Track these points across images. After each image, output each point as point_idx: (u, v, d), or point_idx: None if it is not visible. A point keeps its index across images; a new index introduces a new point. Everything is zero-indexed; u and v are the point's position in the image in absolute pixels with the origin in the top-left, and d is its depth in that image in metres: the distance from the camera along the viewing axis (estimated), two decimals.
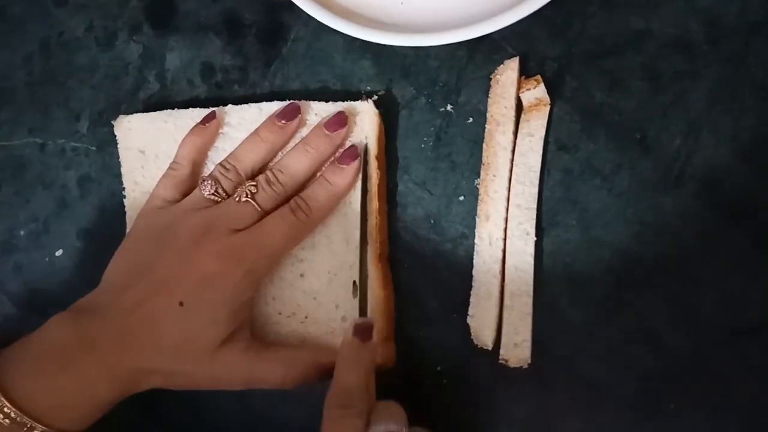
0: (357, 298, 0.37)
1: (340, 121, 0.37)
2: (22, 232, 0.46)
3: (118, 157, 0.43)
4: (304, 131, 0.39)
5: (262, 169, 0.38)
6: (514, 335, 0.35)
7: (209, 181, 0.37)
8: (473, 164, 0.38)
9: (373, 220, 0.37)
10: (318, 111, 0.39)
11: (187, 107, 0.41)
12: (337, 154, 0.38)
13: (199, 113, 0.41)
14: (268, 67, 0.42)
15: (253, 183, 0.36)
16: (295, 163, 0.37)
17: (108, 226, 0.44)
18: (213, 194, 0.36)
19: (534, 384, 0.36)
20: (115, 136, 0.43)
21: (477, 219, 0.37)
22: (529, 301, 0.35)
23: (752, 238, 0.33)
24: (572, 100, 0.36)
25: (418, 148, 0.39)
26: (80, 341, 0.33)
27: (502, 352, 0.35)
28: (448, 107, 0.39)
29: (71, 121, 0.46)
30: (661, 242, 0.34)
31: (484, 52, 0.38)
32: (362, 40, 0.38)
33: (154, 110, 0.42)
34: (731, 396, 0.34)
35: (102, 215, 0.45)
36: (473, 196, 0.37)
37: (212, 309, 0.34)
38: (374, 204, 0.37)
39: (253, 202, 0.35)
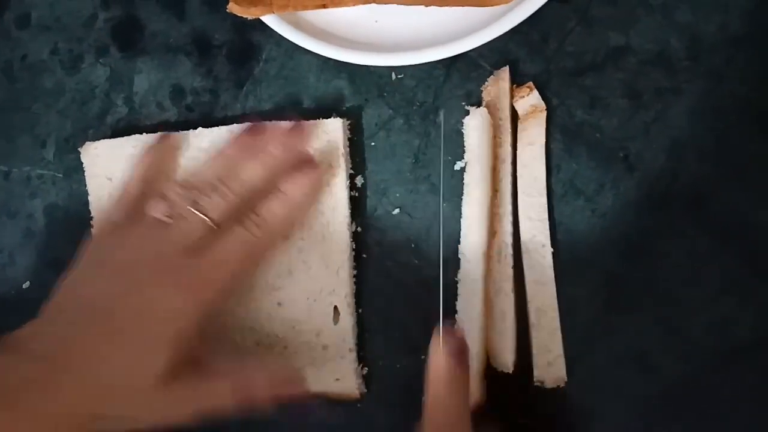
0: (338, 325, 0.36)
1: (295, 126, 0.36)
2: None
3: (86, 184, 0.41)
4: None
5: None
6: (545, 353, 0.33)
7: (158, 201, 0.34)
8: (454, 185, 0.37)
9: None
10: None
11: (156, 131, 0.40)
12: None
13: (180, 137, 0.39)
14: (239, 88, 0.41)
15: (203, 197, 0.34)
16: (244, 169, 0.35)
17: (77, 255, 0.42)
18: (166, 214, 0.34)
19: (522, 415, 0.34)
20: (82, 163, 0.41)
21: (481, 237, 0.34)
22: (556, 315, 0.33)
23: (742, 258, 0.32)
24: (552, 119, 0.35)
25: (396, 170, 0.38)
26: (2, 392, 0.29)
27: (536, 373, 0.33)
28: (426, 127, 0.37)
29: (36, 148, 0.44)
30: (649, 263, 0.34)
31: (462, 71, 0.37)
32: (336, 60, 0.37)
33: (123, 135, 0.41)
34: (724, 419, 0.33)
35: (71, 244, 0.42)
36: (455, 218, 0.36)
37: (153, 337, 0.31)
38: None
39: (200, 214, 0.33)
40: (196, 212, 0.33)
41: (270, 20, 0.37)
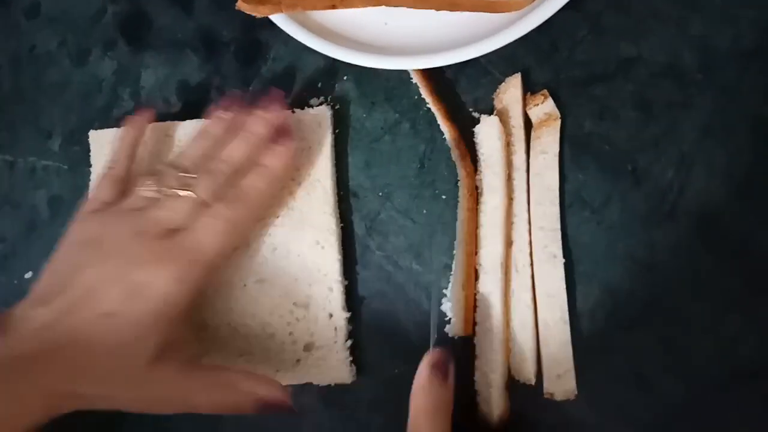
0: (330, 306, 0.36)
1: (273, 97, 0.36)
2: None
3: (91, 172, 0.41)
4: None
5: None
6: (555, 367, 0.33)
7: (149, 179, 0.35)
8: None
9: None
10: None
11: None
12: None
13: (173, 126, 0.39)
14: (246, 86, 0.41)
15: (192, 175, 0.34)
16: (231, 149, 0.35)
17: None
18: (155, 191, 0.34)
19: (520, 430, 0.34)
20: (87, 155, 0.41)
21: (499, 247, 0.34)
22: (567, 328, 0.33)
23: (746, 279, 0.32)
24: (561, 128, 0.35)
25: (401, 175, 0.37)
26: None
27: (545, 385, 0.33)
28: (432, 133, 0.37)
29: (42, 139, 0.44)
30: (652, 280, 0.33)
31: (470, 77, 0.37)
32: (344, 62, 0.37)
33: None
34: None
35: None
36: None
37: (143, 319, 0.31)
38: None
39: (191, 193, 0.34)
40: (187, 192, 0.34)
41: (278, 19, 0.37)
